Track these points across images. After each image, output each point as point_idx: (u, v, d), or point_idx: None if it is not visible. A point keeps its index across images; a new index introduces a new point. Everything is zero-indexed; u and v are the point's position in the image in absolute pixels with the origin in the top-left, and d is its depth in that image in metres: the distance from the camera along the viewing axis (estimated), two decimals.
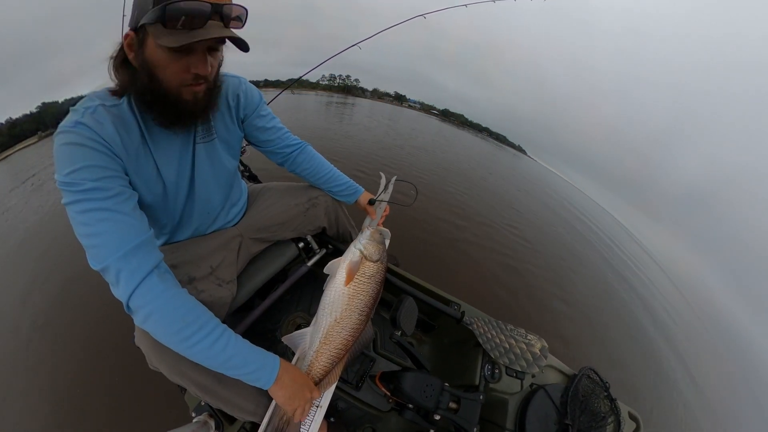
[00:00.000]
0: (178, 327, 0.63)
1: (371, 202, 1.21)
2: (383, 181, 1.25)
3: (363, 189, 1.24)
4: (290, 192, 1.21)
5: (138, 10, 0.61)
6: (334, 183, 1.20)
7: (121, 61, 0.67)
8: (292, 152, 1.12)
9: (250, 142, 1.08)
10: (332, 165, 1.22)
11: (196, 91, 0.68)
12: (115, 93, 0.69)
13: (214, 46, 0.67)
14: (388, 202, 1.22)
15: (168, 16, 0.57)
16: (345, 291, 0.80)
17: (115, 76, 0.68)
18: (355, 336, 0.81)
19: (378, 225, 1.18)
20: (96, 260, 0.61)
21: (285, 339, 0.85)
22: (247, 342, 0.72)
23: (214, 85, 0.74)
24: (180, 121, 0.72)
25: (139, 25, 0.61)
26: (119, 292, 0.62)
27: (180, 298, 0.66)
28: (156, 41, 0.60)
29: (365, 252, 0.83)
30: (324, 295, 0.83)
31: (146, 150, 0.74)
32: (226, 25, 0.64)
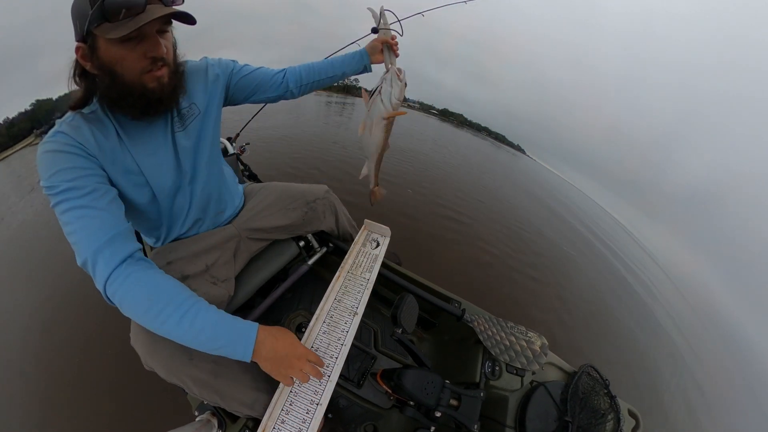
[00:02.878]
0: (146, 306, 0.63)
1: (375, 31, 1.08)
2: (377, 13, 1.07)
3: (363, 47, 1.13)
4: (288, 194, 1.21)
5: (79, 21, 0.63)
6: (337, 68, 1.12)
7: (80, 73, 0.69)
8: (282, 79, 1.07)
9: (246, 100, 1.06)
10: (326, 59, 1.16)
11: (159, 76, 0.70)
12: (77, 105, 0.71)
13: (162, 28, 0.68)
14: (389, 29, 1.07)
15: (109, 11, 0.60)
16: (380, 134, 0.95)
17: (78, 87, 0.70)
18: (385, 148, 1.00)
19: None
20: (78, 256, 0.64)
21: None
22: (220, 314, 0.68)
23: (176, 68, 0.76)
24: (151, 109, 0.73)
25: (86, 32, 0.63)
26: (97, 284, 0.64)
27: (147, 277, 0.65)
28: (105, 38, 0.61)
29: (395, 100, 0.89)
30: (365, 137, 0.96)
31: (123, 148, 0.75)
32: (167, 4, 0.66)
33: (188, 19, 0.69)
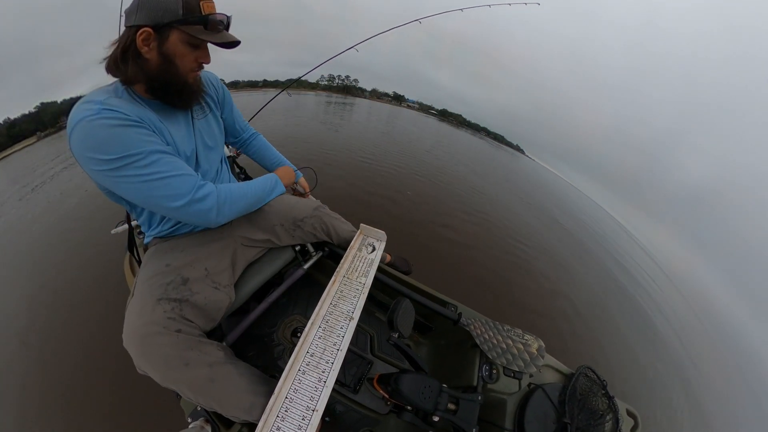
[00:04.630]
0: (246, 200, 0.96)
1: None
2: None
3: (301, 173, 1.47)
4: (276, 210, 1.19)
5: (163, 12, 0.74)
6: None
7: (133, 54, 0.76)
8: (248, 138, 1.35)
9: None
10: (280, 154, 1.43)
11: (197, 76, 0.90)
12: (129, 81, 0.79)
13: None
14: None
15: (211, 22, 0.80)
16: None
17: (123, 66, 0.77)
18: None
19: None
20: (176, 197, 0.78)
21: None
22: (258, 181, 1.06)
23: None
24: (191, 99, 0.91)
25: (164, 24, 0.74)
26: (208, 204, 0.83)
27: (232, 187, 0.93)
28: (190, 34, 0.77)
29: None
30: None
31: (161, 127, 0.84)
32: (227, 31, 0.86)
33: (233, 46, 0.88)
